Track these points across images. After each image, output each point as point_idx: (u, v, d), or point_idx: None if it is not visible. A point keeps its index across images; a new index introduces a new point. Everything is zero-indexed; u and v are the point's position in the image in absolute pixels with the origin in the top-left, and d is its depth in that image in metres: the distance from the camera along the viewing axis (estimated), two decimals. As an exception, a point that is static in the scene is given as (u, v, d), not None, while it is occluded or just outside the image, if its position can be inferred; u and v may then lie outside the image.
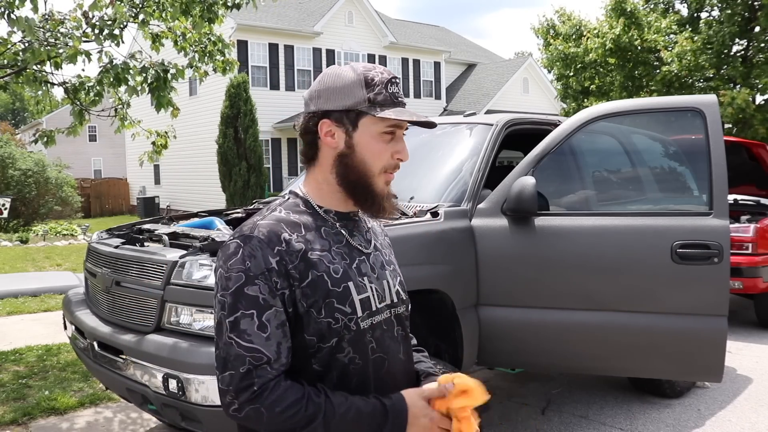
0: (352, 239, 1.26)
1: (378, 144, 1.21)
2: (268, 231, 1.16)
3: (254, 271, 1.13)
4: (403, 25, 25.90)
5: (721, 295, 3.01)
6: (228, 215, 3.80)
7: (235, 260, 1.14)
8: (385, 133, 1.21)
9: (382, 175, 1.23)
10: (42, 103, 4.96)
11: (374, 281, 1.25)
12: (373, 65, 1.24)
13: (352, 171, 1.22)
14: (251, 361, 1.11)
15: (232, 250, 1.16)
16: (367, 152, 1.21)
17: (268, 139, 19.83)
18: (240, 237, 1.17)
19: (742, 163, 6.55)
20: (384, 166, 1.22)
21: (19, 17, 3.82)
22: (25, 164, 17.02)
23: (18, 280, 8.45)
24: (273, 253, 1.14)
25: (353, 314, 1.19)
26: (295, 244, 1.17)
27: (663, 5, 13.87)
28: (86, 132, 27.52)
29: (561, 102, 16.01)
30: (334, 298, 1.17)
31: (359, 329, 1.20)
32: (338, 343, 1.18)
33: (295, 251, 1.16)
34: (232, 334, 1.12)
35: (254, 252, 1.14)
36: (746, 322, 6.26)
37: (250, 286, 1.13)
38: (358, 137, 1.21)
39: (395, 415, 1.15)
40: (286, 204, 1.26)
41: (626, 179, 3.68)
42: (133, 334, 2.72)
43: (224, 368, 1.12)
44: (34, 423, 3.78)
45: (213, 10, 4.63)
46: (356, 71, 1.21)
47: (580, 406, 4.04)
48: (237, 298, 1.13)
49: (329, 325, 1.17)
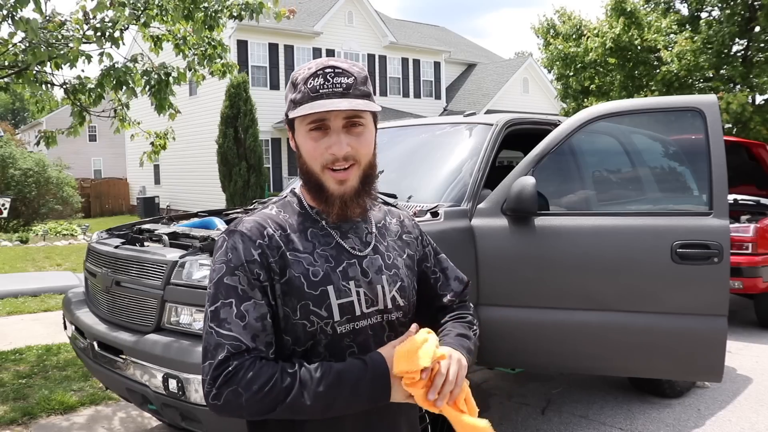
0: (344, 241, 1.23)
1: (309, 142, 1.18)
2: (251, 225, 1.18)
3: (234, 263, 1.14)
4: (403, 25, 25.90)
5: (721, 295, 3.01)
6: (228, 215, 3.80)
7: (220, 253, 1.17)
8: (312, 129, 1.17)
9: (326, 173, 1.18)
10: (42, 103, 4.96)
11: (363, 285, 1.21)
12: (311, 63, 1.22)
13: (302, 171, 1.23)
14: (229, 349, 1.10)
15: (219, 244, 1.20)
16: (304, 152, 1.20)
17: (268, 139, 19.84)
18: (226, 231, 1.20)
19: (742, 163, 6.55)
20: (322, 164, 1.18)
21: (22, 18, 3.83)
22: (25, 164, 17.03)
23: (18, 280, 8.45)
24: (255, 246, 1.16)
25: (329, 318, 1.16)
26: (277, 239, 1.18)
27: (663, 5, 13.87)
28: (86, 132, 27.51)
29: (561, 102, 16.00)
30: (309, 301, 1.16)
31: (336, 334, 1.17)
32: (313, 346, 1.17)
33: (275, 247, 1.17)
34: (212, 323, 1.13)
35: (236, 244, 1.16)
36: (746, 322, 6.26)
37: (230, 276, 1.14)
38: (298, 138, 1.21)
39: (374, 365, 1.13)
40: (280, 202, 1.28)
41: (626, 179, 3.68)
42: (133, 333, 2.72)
43: (204, 358, 1.12)
44: (35, 422, 3.78)
45: (216, 18, 4.63)
46: (292, 75, 1.23)
47: (580, 406, 4.04)
48: (218, 288, 1.14)
49: (304, 327, 1.16)
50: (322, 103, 1.15)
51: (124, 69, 4.43)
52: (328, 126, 1.17)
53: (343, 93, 1.17)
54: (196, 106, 19.51)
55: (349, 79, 1.18)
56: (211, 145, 18.07)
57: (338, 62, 1.21)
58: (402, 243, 1.36)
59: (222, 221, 3.47)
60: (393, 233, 1.35)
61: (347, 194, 1.19)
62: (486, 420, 1.15)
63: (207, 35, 4.89)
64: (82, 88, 4.65)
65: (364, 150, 1.20)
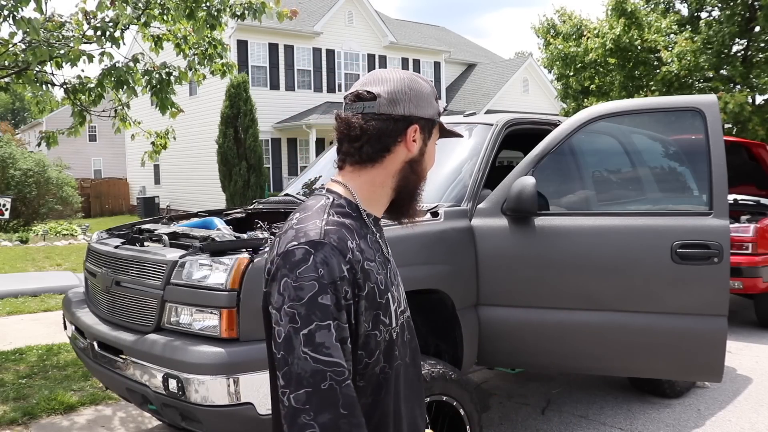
0: (384, 247, 1.25)
1: (433, 153, 1.27)
2: (338, 237, 1.10)
3: (327, 279, 1.05)
4: (403, 25, 25.90)
5: (721, 295, 3.01)
6: (228, 215, 3.80)
7: (306, 267, 1.06)
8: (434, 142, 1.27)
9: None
10: (42, 103, 4.96)
11: (396, 289, 1.24)
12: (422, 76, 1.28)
13: (416, 176, 1.23)
14: (332, 377, 1.02)
15: (299, 256, 1.07)
16: (430, 160, 1.25)
17: (268, 139, 19.84)
18: (308, 243, 1.08)
19: (742, 163, 6.55)
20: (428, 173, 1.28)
21: (23, 17, 3.84)
22: (25, 164, 17.02)
23: (18, 280, 8.45)
24: (344, 261, 1.08)
25: (390, 325, 1.17)
26: (357, 252, 1.12)
27: (663, 5, 13.87)
28: (86, 132, 27.54)
29: (561, 102, 16.00)
30: (380, 310, 1.15)
31: (392, 339, 1.19)
32: (378, 355, 1.16)
33: (358, 260, 1.11)
34: (306, 348, 1.03)
35: (327, 259, 1.07)
36: (746, 322, 6.26)
37: (324, 295, 1.05)
38: (430, 146, 1.25)
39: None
40: (335, 207, 1.18)
41: (626, 179, 3.68)
42: (133, 333, 2.72)
43: (299, 385, 1.02)
44: (35, 422, 3.78)
45: (217, 17, 4.64)
46: (426, 81, 1.25)
47: (580, 406, 4.04)
48: (311, 308, 1.04)
49: (375, 338, 1.14)
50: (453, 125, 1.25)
51: (125, 69, 4.43)
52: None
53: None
54: (196, 106, 19.51)
55: None
56: (211, 145, 18.07)
57: None
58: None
59: (222, 221, 3.47)
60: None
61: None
62: None
63: (208, 34, 4.89)
64: (83, 88, 4.65)
65: None
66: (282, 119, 20.12)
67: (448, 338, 3.10)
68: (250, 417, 2.38)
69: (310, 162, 7.71)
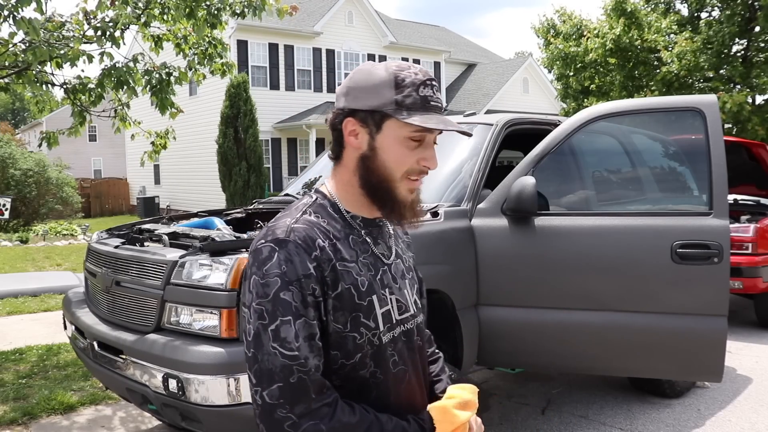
0: (376, 248, 1.21)
1: (401, 149, 1.14)
2: (303, 235, 1.10)
3: (290, 277, 1.07)
4: (403, 25, 25.91)
5: (721, 295, 3.02)
6: (228, 215, 3.81)
7: (271, 264, 1.08)
8: (411, 138, 1.14)
9: (404, 181, 1.16)
10: (42, 103, 4.96)
11: (396, 292, 1.21)
12: (409, 64, 1.17)
13: (373, 174, 1.16)
14: (299, 369, 1.04)
15: (265, 254, 1.09)
16: (389, 156, 1.15)
17: (268, 139, 19.84)
18: (273, 241, 1.10)
19: (742, 163, 6.55)
20: (406, 171, 1.15)
21: (23, 18, 3.84)
22: (26, 164, 17.03)
23: (18, 280, 8.45)
24: (310, 259, 1.08)
25: (376, 329, 1.15)
26: (328, 251, 1.11)
27: (663, 5, 13.87)
28: (86, 132, 27.59)
29: (561, 102, 15.99)
30: (360, 312, 1.13)
31: (381, 344, 1.16)
32: (361, 359, 1.14)
33: (327, 259, 1.11)
34: (275, 343, 1.05)
35: (291, 256, 1.08)
36: (746, 322, 6.26)
37: (285, 291, 1.06)
38: (381, 140, 1.15)
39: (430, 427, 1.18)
40: (315, 206, 1.19)
41: (626, 179, 3.69)
42: (133, 333, 2.72)
43: (271, 381, 1.04)
44: (35, 422, 3.78)
45: (218, 16, 4.64)
46: (388, 70, 1.15)
47: (580, 406, 4.04)
48: (275, 304, 1.06)
49: (354, 340, 1.13)
50: (442, 118, 1.14)
51: (125, 69, 4.43)
52: (424, 137, 1.15)
53: (442, 109, 1.18)
54: (196, 106, 19.51)
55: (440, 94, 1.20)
56: (211, 145, 18.07)
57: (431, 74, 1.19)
58: (407, 244, 1.38)
59: (222, 221, 3.47)
60: (401, 234, 1.37)
61: (414, 202, 1.20)
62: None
63: (208, 34, 4.90)
64: (83, 88, 4.65)
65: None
66: (282, 119, 20.12)
67: (448, 338, 3.10)
68: (250, 417, 2.37)
69: (310, 162, 7.71)
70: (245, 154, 17.01)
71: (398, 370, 1.19)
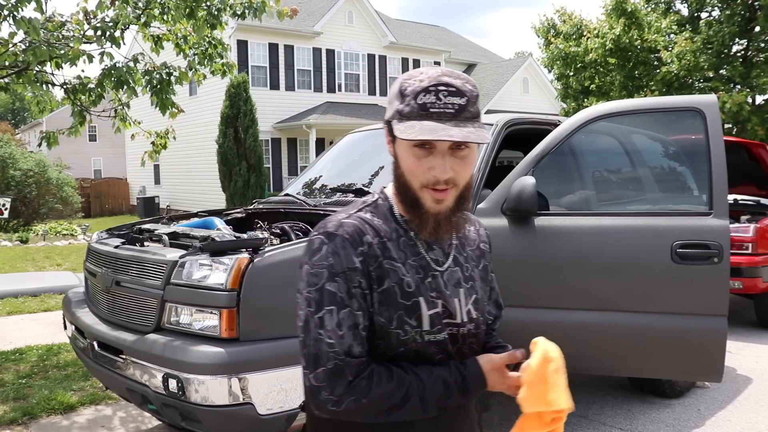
0: (428, 254, 1.23)
1: (410, 158, 1.15)
2: (352, 230, 1.16)
3: (336, 269, 1.13)
4: (403, 25, 25.91)
5: (721, 295, 3.02)
6: (228, 215, 3.81)
7: (320, 256, 1.15)
8: (416, 146, 1.13)
9: (425, 191, 1.15)
10: (43, 103, 4.96)
11: (444, 297, 1.23)
12: (421, 71, 1.16)
13: (398, 181, 1.20)
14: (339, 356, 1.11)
15: (316, 246, 1.16)
16: (404, 165, 1.17)
17: (268, 139, 19.84)
18: (324, 234, 1.17)
19: (742, 163, 6.55)
20: (421, 182, 1.15)
21: (23, 17, 3.84)
22: (26, 164, 17.03)
23: (18, 280, 8.45)
24: (356, 253, 1.15)
25: (419, 328, 1.19)
26: (375, 248, 1.17)
27: (663, 5, 13.87)
28: (86, 132, 27.61)
29: (561, 102, 16.00)
30: (403, 311, 1.18)
31: (424, 342, 1.20)
32: (404, 353, 1.19)
33: (374, 255, 1.16)
34: (320, 330, 1.12)
35: (338, 249, 1.14)
36: (746, 322, 6.26)
37: (331, 282, 1.13)
38: (398, 150, 1.18)
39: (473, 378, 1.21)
40: (372, 204, 1.25)
41: (626, 179, 3.69)
42: (133, 333, 2.72)
43: (316, 365, 1.12)
44: (35, 422, 3.78)
45: (218, 16, 4.63)
46: (400, 81, 1.18)
47: (580, 406, 4.04)
48: (322, 294, 1.13)
49: (397, 336, 1.18)
50: (431, 126, 1.10)
51: (125, 69, 4.43)
52: (434, 145, 1.13)
53: (454, 115, 1.12)
54: (196, 106, 19.51)
55: (461, 99, 1.13)
56: (211, 145, 18.07)
57: (452, 78, 1.14)
58: (479, 253, 1.39)
59: (222, 221, 3.47)
60: (472, 242, 1.37)
61: (442, 214, 1.18)
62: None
63: (208, 34, 4.89)
64: (83, 88, 4.65)
65: (466, 173, 1.17)
66: (282, 119, 20.12)
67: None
68: (250, 417, 2.38)
69: (310, 162, 7.71)
70: (245, 154, 17.01)
71: None
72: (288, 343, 2.42)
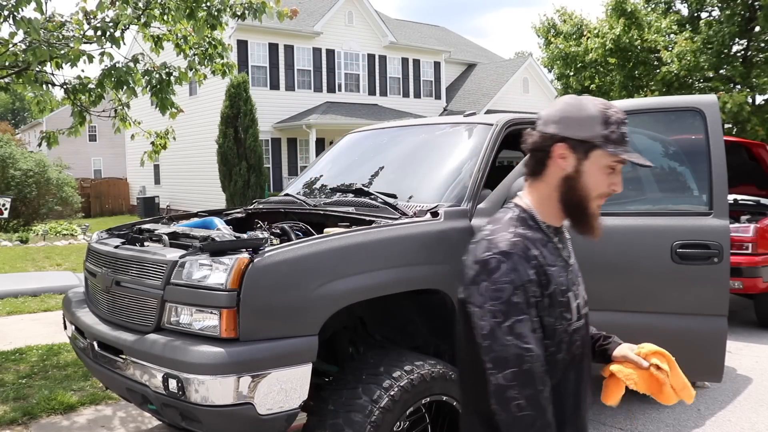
0: (563, 252, 1.46)
1: (601, 175, 1.38)
2: (523, 246, 1.34)
3: (517, 283, 1.30)
4: (403, 25, 25.91)
5: (721, 295, 3.02)
6: (228, 215, 3.80)
7: (500, 273, 1.31)
8: (610, 167, 1.38)
9: (596, 200, 1.41)
10: (43, 103, 4.96)
11: (577, 289, 1.46)
12: (611, 104, 1.38)
13: (574, 193, 1.39)
14: (530, 360, 1.27)
15: (494, 265, 1.33)
16: (591, 180, 1.38)
17: (268, 139, 19.84)
18: (500, 253, 1.33)
19: (742, 163, 6.54)
20: (600, 194, 1.40)
21: (23, 18, 3.84)
22: (26, 164, 17.03)
23: (18, 280, 8.45)
24: (530, 266, 1.33)
25: (570, 319, 1.41)
26: (539, 258, 1.36)
27: (663, 5, 13.88)
28: (86, 132, 27.59)
29: (561, 102, 16.00)
30: (562, 308, 1.38)
31: (572, 331, 1.42)
32: (558, 343, 1.39)
33: (540, 265, 1.35)
34: (509, 336, 1.28)
35: (516, 266, 1.31)
36: (746, 322, 6.26)
37: (514, 295, 1.30)
38: (587, 166, 1.37)
39: None
40: (516, 218, 1.41)
41: (626, 179, 3.66)
42: (133, 333, 2.72)
43: (505, 366, 1.27)
44: (35, 422, 3.78)
45: (218, 17, 4.63)
46: (597, 107, 1.36)
47: (580, 406, 4.04)
48: (508, 306, 1.29)
49: (558, 331, 1.38)
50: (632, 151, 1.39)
51: (125, 69, 4.43)
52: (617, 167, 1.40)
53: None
54: (196, 106, 19.51)
55: None
56: (211, 145, 18.07)
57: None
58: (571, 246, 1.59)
59: (222, 221, 3.47)
60: (569, 238, 1.57)
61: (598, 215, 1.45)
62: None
63: (208, 34, 4.89)
64: (83, 88, 4.65)
65: None
66: (282, 119, 20.12)
67: (448, 338, 3.10)
68: (250, 417, 2.38)
69: (310, 162, 7.71)
70: (245, 154, 17.01)
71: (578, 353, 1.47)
72: (288, 343, 2.42)
